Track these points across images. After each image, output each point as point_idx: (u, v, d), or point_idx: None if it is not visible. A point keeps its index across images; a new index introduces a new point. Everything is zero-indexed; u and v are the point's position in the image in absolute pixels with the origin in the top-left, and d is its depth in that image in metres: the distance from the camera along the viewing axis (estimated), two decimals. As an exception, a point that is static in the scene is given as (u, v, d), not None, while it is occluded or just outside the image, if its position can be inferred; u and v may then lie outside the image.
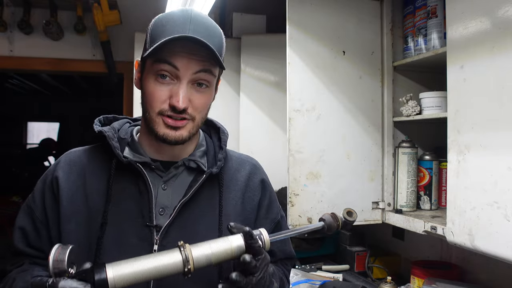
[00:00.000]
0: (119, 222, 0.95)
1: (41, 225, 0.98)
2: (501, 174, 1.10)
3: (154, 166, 0.99)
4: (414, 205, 1.70)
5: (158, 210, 0.97)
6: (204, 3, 1.88)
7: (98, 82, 5.96)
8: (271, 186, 1.15)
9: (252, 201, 1.08)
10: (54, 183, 0.99)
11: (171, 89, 0.92)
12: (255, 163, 1.15)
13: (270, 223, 1.11)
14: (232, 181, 1.07)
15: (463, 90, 1.22)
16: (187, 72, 0.91)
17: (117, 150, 0.97)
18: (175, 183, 1.01)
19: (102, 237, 0.94)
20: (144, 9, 2.85)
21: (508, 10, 1.08)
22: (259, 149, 2.40)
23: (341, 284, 1.84)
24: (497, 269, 1.51)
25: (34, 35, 2.94)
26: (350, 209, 0.95)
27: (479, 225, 1.17)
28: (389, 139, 1.76)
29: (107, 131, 1.00)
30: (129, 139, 1.03)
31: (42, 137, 7.30)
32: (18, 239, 1.00)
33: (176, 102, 0.90)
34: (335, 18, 1.71)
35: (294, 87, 1.65)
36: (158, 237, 0.95)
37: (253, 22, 2.64)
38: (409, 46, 1.72)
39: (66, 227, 0.95)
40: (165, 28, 0.92)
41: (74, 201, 0.97)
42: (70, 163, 1.02)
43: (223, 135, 1.10)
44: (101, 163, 1.01)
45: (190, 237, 0.96)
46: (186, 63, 0.91)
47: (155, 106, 0.93)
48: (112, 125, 1.05)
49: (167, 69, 0.91)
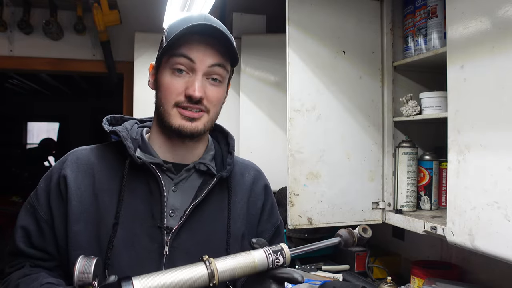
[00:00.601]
0: (130, 223, 0.95)
1: (45, 224, 0.97)
2: (501, 174, 1.10)
3: (165, 168, 1.00)
4: (414, 205, 1.70)
5: (169, 211, 0.97)
6: (204, 3, 1.89)
7: (98, 82, 5.96)
8: (272, 192, 1.18)
9: (256, 205, 1.10)
10: (62, 181, 0.97)
11: (187, 81, 0.95)
12: (258, 169, 1.18)
13: (271, 227, 1.14)
14: (238, 185, 1.09)
15: (463, 90, 1.22)
16: (202, 65, 0.94)
17: (132, 151, 0.97)
18: (185, 185, 1.01)
19: (114, 237, 0.93)
20: (144, 9, 2.85)
21: (508, 10, 1.08)
22: (259, 149, 2.39)
23: (341, 284, 1.84)
24: (497, 269, 1.51)
25: (34, 35, 2.94)
26: (365, 226, 0.96)
27: (479, 225, 1.17)
28: (389, 139, 1.76)
29: (121, 131, 1.00)
30: (140, 140, 1.04)
31: (42, 137, 7.30)
32: (20, 239, 0.98)
33: (193, 92, 0.93)
34: (335, 18, 1.71)
35: (294, 87, 1.65)
36: (169, 238, 0.95)
37: (253, 22, 2.64)
38: (409, 46, 1.72)
39: (74, 227, 0.94)
40: (181, 26, 0.94)
41: (83, 200, 0.96)
42: (78, 161, 1.00)
43: (231, 140, 1.12)
44: (112, 162, 1.00)
45: (200, 239, 0.98)
46: (201, 56, 0.94)
47: (170, 98, 0.95)
48: (124, 125, 1.05)
49: (183, 62, 0.94)
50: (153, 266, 0.93)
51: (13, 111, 7.44)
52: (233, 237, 1.02)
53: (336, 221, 1.70)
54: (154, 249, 0.94)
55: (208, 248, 0.98)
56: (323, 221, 1.68)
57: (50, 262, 0.98)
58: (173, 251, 0.95)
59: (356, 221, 1.72)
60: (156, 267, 0.93)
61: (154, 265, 0.93)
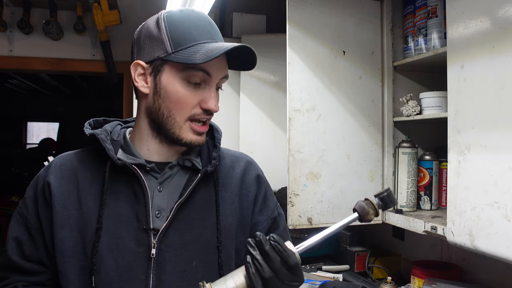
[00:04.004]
0: (115, 226, 0.92)
1: (36, 233, 0.95)
2: (501, 174, 1.10)
3: (149, 168, 0.97)
4: (414, 205, 1.70)
5: (155, 212, 0.94)
6: (204, 3, 1.88)
7: (98, 82, 5.96)
8: (267, 182, 1.13)
9: (248, 197, 1.06)
10: (46, 188, 0.95)
11: (202, 94, 0.94)
12: (249, 160, 1.12)
13: (266, 220, 1.08)
14: (227, 179, 1.04)
15: (463, 90, 1.22)
16: (217, 78, 0.95)
17: (111, 153, 0.94)
18: (170, 184, 0.98)
19: (98, 242, 0.91)
20: (144, 9, 2.84)
21: (508, 10, 1.08)
22: (259, 149, 2.39)
23: (341, 284, 1.84)
24: (497, 269, 1.51)
25: (34, 35, 2.94)
26: (384, 191, 0.92)
27: (479, 225, 1.17)
28: (389, 139, 1.76)
29: (100, 133, 0.97)
30: (122, 141, 1.01)
31: (41, 137, 7.33)
32: (12, 251, 0.95)
33: (213, 106, 0.94)
34: (335, 18, 1.71)
35: (294, 87, 1.65)
36: (156, 240, 0.92)
37: (253, 22, 2.63)
38: (409, 46, 1.72)
39: (59, 233, 0.92)
40: (191, 31, 0.91)
41: (67, 206, 0.94)
42: (61, 167, 0.98)
43: (216, 133, 1.07)
44: (94, 166, 0.98)
45: (188, 238, 0.95)
46: (217, 70, 0.94)
47: (185, 112, 0.93)
48: (104, 127, 1.03)
49: (201, 76, 0.92)
50: (140, 269, 0.91)
51: (13, 111, 7.44)
52: (225, 234, 0.99)
53: (336, 221, 1.70)
54: (141, 252, 0.92)
55: (198, 247, 0.96)
56: (323, 221, 1.68)
57: (43, 275, 0.96)
58: (161, 253, 0.92)
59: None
60: (144, 271, 0.91)
61: (141, 269, 0.91)
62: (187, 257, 0.95)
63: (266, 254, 0.81)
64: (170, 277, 0.92)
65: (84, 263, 0.91)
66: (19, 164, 6.05)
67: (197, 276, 0.95)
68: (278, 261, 0.81)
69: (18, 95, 7.21)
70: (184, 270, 0.94)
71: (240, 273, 0.82)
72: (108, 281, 0.90)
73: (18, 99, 7.38)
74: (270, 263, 0.81)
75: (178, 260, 0.94)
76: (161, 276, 0.92)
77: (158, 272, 0.92)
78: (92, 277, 0.90)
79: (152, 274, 0.91)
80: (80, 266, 0.91)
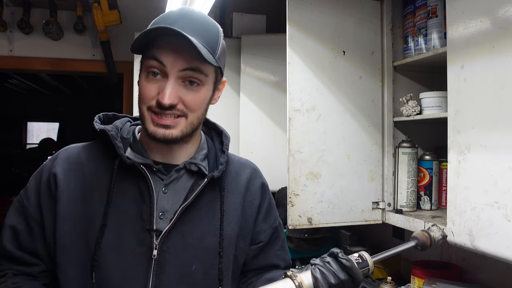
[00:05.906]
0: (119, 225, 0.92)
1: (35, 224, 0.94)
2: (501, 174, 1.10)
3: (156, 169, 0.97)
4: (414, 205, 1.70)
5: (158, 214, 0.94)
6: (204, 3, 1.88)
7: (98, 82, 5.96)
8: (270, 191, 1.14)
9: (252, 204, 1.06)
10: (52, 180, 0.94)
11: (159, 86, 0.89)
12: (255, 167, 1.13)
13: (268, 228, 1.09)
14: (232, 185, 1.05)
15: (463, 90, 1.22)
16: (173, 69, 0.89)
17: (121, 151, 0.94)
18: (175, 187, 0.98)
19: (101, 239, 0.91)
20: (144, 9, 2.85)
21: (508, 10, 1.08)
22: (259, 149, 2.39)
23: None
24: (497, 269, 1.51)
25: (34, 35, 2.94)
26: (435, 228, 1.04)
27: (479, 225, 1.16)
28: (389, 139, 1.76)
29: (111, 130, 0.96)
30: (131, 139, 1.00)
31: (41, 137, 7.33)
32: (7, 239, 0.94)
33: (162, 99, 0.88)
34: (335, 18, 1.71)
35: (294, 87, 1.65)
36: (158, 242, 0.92)
37: (253, 22, 2.64)
38: (409, 46, 1.72)
39: (62, 226, 0.92)
40: (157, 23, 0.90)
41: (72, 200, 0.93)
42: (69, 159, 0.97)
43: (225, 138, 1.07)
44: (102, 162, 0.97)
45: (191, 242, 0.95)
46: (172, 59, 0.88)
47: (144, 102, 0.91)
48: (115, 123, 1.02)
49: (156, 66, 0.89)
50: (141, 270, 0.91)
51: (13, 111, 7.44)
52: (227, 239, 0.99)
53: (336, 221, 1.70)
54: (143, 252, 0.92)
55: (200, 251, 0.96)
56: (323, 221, 1.68)
57: (36, 267, 0.95)
58: (162, 255, 0.92)
59: (356, 221, 1.72)
60: (145, 271, 0.91)
61: (142, 269, 0.91)
62: (187, 260, 0.95)
63: None
64: (169, 278, 0.93)
65: (85, 259, 0.91)
66: (19, 164, 6.05)
67: (196, 279, 0.95)
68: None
69: (18, 95, 7.21)
70: (184, 272, 0.94)
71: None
72: (108, 278, 0.90)
73: (18, 99, 7.38)
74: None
75: (178, 262, 0.94)
76: (161, 277, 0.92)
77: (158, 273, 0.92)
78: (92, 272, 0.90)
79: (152, 274, 0.91)
80: (80, 261, 0.91)
